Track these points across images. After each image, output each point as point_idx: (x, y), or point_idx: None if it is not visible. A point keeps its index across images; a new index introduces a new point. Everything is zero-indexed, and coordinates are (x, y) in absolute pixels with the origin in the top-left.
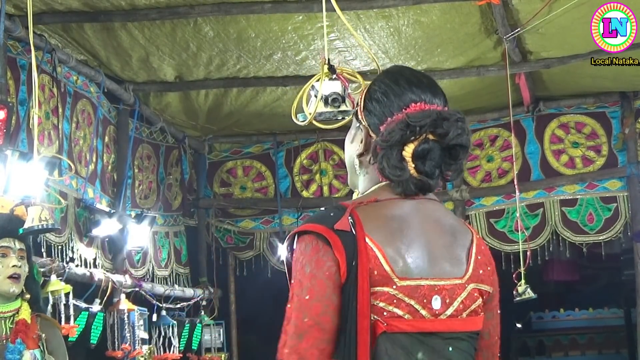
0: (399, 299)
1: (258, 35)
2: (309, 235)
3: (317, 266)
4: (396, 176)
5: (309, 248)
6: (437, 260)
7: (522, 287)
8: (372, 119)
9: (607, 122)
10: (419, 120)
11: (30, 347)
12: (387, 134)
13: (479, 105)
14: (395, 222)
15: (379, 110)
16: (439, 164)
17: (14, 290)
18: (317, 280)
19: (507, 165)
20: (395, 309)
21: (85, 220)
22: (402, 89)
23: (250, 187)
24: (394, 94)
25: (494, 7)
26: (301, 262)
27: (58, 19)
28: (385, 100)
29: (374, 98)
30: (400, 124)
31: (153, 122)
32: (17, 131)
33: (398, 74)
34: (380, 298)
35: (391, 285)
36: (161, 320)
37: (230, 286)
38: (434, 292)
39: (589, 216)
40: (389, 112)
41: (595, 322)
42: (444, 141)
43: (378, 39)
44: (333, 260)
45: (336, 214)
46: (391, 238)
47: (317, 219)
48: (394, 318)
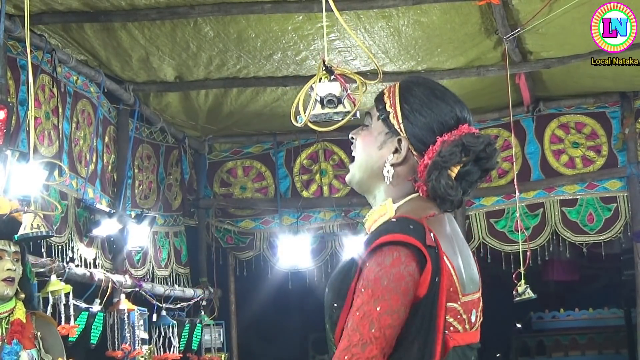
0: (460, 314)
1: (258, 35)
2: (393, 247)
3: (396, 280)
4: (449, 195)
5: (388, 260)
6: (470, 275)
7: (522, 287)
8: (413, 130)
9: (607, 122)
10: (474, 146)
11: (27, 347)
12: (449, 155)
13: (479, 105)
14: (449, 238)
15: (423, 123)
16: (474, 184)
17: (7, 293)
18: (393, 295)
19: (507, 165)
20: (456, 323)
21: (85, 220)
22: (448, 106)
23: (250, 187)
24: (440, 109)
25: (494, 7)
26: (377, 273)
27: (58, 19)
28: (432, 114)
29: (416, 109)
30: (458, 146)
31: (153, 122)
32: (17, 131)
33: (437, 88)
34: (450, 313)
35: (457, 301)
36: (161, 320)
37: (230, 286)
38: (473, 307)
39: (589, 216)
40: (437, 129)
41: (595, 322)
42: (483, 164)
43: (378, 39)
44: (413, 275)
45: (417, 228)
46: (453, 254)
47: (405, 230)
48: (456, 332)
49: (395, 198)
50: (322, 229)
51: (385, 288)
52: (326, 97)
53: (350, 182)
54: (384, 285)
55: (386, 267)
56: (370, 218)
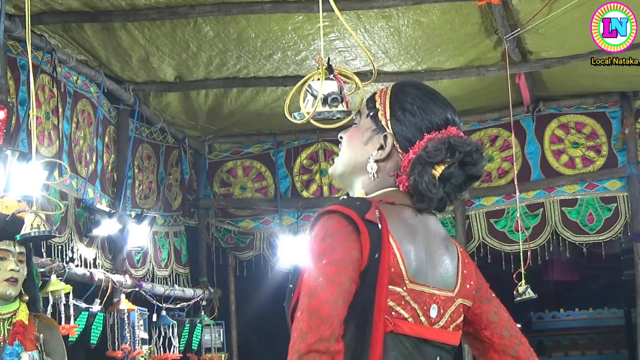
0: (406, 301)
1: (258, 35)
2: (336, 215)
3: (340, 239)
4: (431, 193)
5: (329, 223)
6: (436, 271)
7: (522, 287)
8: (400, 129)
9: (607, 122)
10: (461, 146)
11: (28, 349)
12: (434, 151)
13: (479, 105)
14: (409, 227)
15: (411, 122)
16: (457, 189)
17: (10, 293)
18: (338, 250)
19: (507, 165)
20: (402, 310)
21: (85, 220)
22: (439, 108)
23: (250, 187)
24: (430, 110)
25: (494, 7)
26: (321, 236)
27: (58, 19)
28: (422, 114)
29: (406, 109)
30: (444, 143)
31: (153, 122)
32: (17, 131)
33: (429, 91)
34: (392, 297)
35: (402, 285)
36: (161, 320)
37: (230, 286)
38: (432, 301)
39: (589, 216)
40: (426, 127)
41: (595, 322)
42: (468, 170)
43: (378, 39)
44: (356, 244)
45: (363, 204)
46: (406, 240)
47: (345, 203)
48: (400, 319)
49: (370, 191)
50: None
51: (329, 245)
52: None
53: (332, 174)
54: (327, 243)
55: (327, 228)
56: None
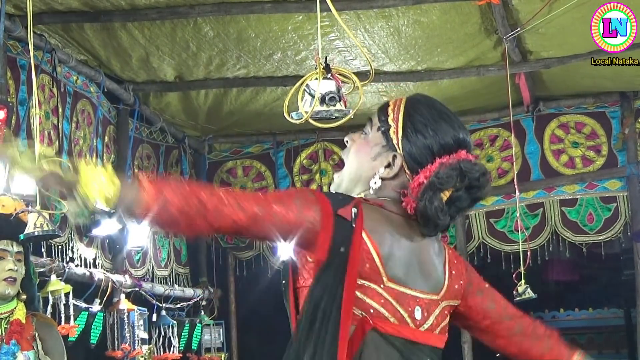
0: (386, 299)
1: (258, 35)
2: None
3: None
4: (439, 219)
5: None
6: (421, 274)
7: (522, 287)
8: (411, 149)
9: (607, 122)
10: (471, 172)
11: (24, 349)
12: (445, 178)
13: (479, 105)
14: (392, 229)
15: (423, 144)
16: (460, 211)
17: (9, 292)
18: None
19: (507, 165)
20: (382, 309)
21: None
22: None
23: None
24: (443, 131)
25: (494, 7)
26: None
27: (58, 19)
28: (435, 136)
29: (419, 129)
30: (455, 170)
31: (153, 122)
32: (17, 131)
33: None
34: (369, 294)
35: (379, 283)
36: (161, 320)
37: (230, 286)
38: (416, 303)
39: (589, 216)
40: (437, 150)
41: (595, 322)
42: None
43: (378, 39)
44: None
45: (344, 200)
46: (386, 241)
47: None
48: (381, 319)
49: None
50: None
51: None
52: (327, 94)
53: (337, 186)
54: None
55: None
56: None
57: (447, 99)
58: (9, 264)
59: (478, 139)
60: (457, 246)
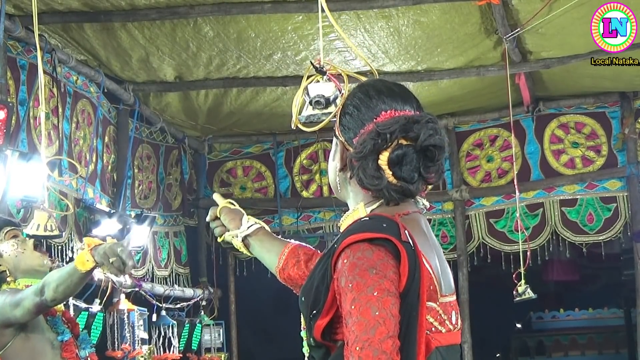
0: (440, 314)
1: (258, 35)
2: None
3: (383, 269)
4: (374, 185)
5: (369, 254)
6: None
7: (522, 287)
8: (347, 134)
9: (607, 122)
10: (388, 127)
11: None
12: (360, 145)
13: (479, 105)
14: (425, 238)
15: (352, 124)
16: (416, 168)
17: (47, 262)
18: (385, 281)
19: (507, 165)
20: (438, 325)
21: (85, 220)
22: (372, 100)
23: (250, 187)
24: (365, 106)
25: (494, 7)
26: (362, 266)
27: (58, 19)
28: (357, 113)
29: (347, 112)
30: (371, 133)
31: (153, 122)
32: (17, 131)
33: (369, 86)
34: (430, 313)
35: (436, 300)
36: (161, 320)
37: (230, 286)
38: (452, 308)
39: (589, 216)
40: (361, 125)
41: (595, 322)
42: (417, 144)
43: (378, 39)
44: (396, 268)
45: (390, 225)
46: (430, 253)
47: (377, 228)
48: (437, 333)
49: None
50: (321, 229)
51: (376, 276)
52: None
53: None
54: (373, 274)
55: (369, 259)
56: (345, 222)
57: (447, 99)
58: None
59: (478, 139)
60: (457, 246)
